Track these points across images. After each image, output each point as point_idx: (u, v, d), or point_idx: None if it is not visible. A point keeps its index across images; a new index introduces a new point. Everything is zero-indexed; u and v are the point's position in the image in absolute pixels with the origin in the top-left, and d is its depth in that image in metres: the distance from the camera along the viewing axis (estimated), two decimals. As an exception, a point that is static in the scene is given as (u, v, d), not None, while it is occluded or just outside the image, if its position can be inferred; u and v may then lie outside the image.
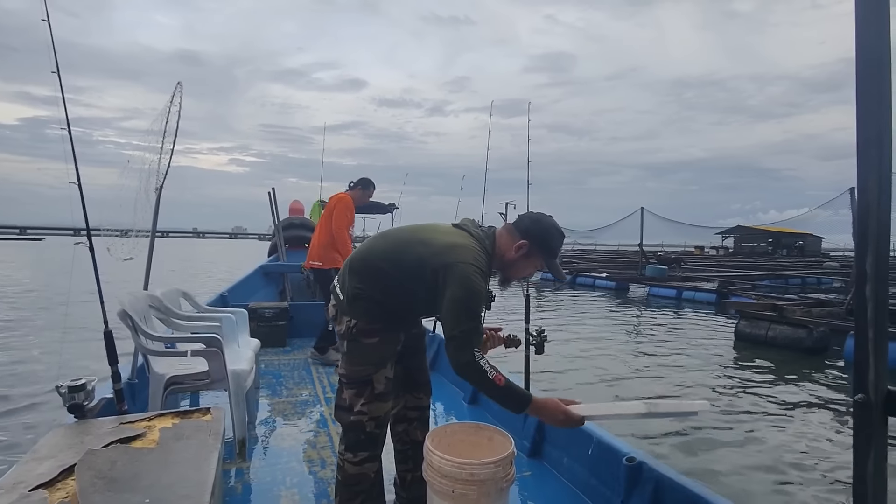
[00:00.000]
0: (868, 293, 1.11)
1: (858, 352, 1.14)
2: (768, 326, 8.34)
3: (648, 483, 1.80)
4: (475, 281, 1.53)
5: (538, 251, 1.69)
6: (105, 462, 1.22)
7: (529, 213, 1.81)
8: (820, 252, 40.13)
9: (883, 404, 1.13)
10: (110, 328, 1.87)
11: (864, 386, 1.12)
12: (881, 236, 1.13)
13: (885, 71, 1.02)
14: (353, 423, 1.68)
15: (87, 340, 6.80)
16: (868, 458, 1.13)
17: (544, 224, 1.71)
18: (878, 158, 1.09)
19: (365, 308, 1.65)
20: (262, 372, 3.91)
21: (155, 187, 2.88)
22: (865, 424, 1.12)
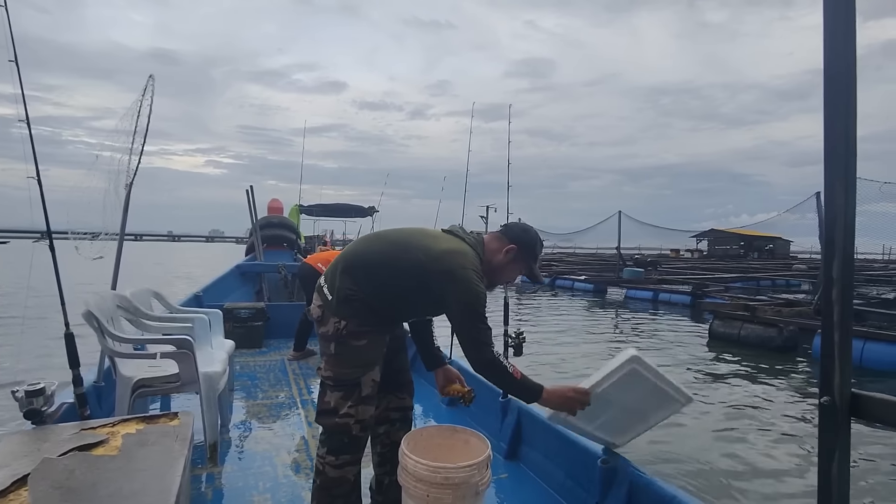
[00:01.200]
0: (834, 297, 1.13)
1: (825, 356, 1.16)
2: (741, 326, 8.57)
3: (623, 484, 1.81)
4: (478, 285, 1.61)
5: (525, 256, 1.79)
6: (62, 471, 1.17)
7: (517, 223, 1.97)
8: (789, 255, 41.37)
9: (847, 407, 1.15)
10: (71, 330, 1.80)
11: (830, 389, 1.14)
12: (846, 243, 1.15)
13: (851, 82, 1.04)
14: (338, 426, 1.65)
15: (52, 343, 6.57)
16: (833, 459, 1.15)
17: (532, 233, 1.83)
18: (844, 168, 1.11)
19: (357, 309, 1.63)
20: (238, 374, 3.83)
21: (125, 184, 2.79)
22: (830, 426, 1.15)
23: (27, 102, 1.69)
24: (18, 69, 1.57)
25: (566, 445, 2.18)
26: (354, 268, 1.67)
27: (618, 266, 19.55)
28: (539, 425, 2.40)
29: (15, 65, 1.56)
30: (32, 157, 1.64)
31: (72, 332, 1.80)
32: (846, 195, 1.12)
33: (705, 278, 17.66)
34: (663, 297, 14.73)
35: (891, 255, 33.63)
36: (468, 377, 2.05)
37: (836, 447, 1.13)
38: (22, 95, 1.58)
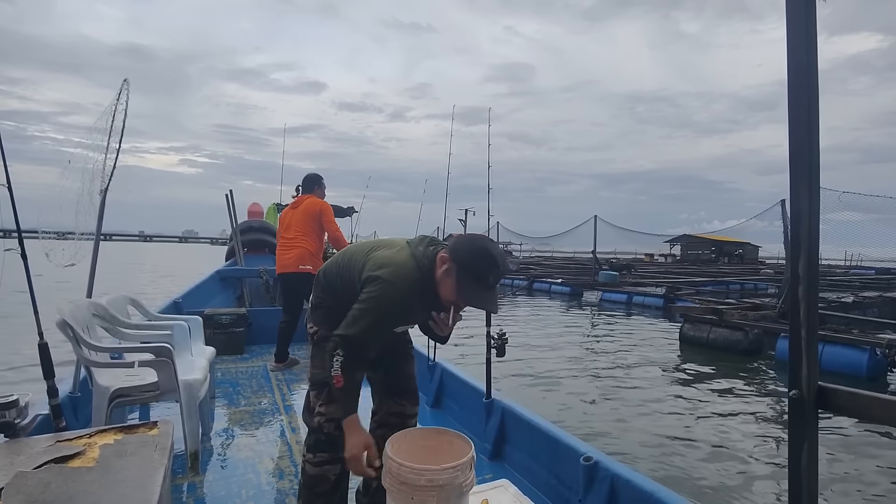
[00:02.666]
0: (801, 294, 1.18)
1: (792, 351, 1.21)
2: (709, 329, 8.81)
3: (605, 481, 1.84)
4: (383, 299, 1.52)
5: (461, 272, 1.50)
6: (37, 484, 1.14)
7: (470, 235, 1.71)
8: (757, 259, 42.47)
9: (815, 399, 1.20)
10: (45, 340, 1.76)
11: (798, 382, 1.18)
12: (811, 242, 1.20)
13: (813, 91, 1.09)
14: (313, 424, 1.74)
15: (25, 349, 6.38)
16: (802, 448, 1.20)
17: (475, 244, 1.54)
18: (808, 169, 1.16)
19: (325, 316, 1.74)
20: (219, 381, 3.78)
21: (99, 189, 2.73)
22: (799, 418, 1.19)
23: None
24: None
25: (550, 444, 2.21)
26: (321, 278, 1.79)
27: (594, 269, 19.83)
28: (523, 425, 2.43)
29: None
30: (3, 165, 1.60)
31: (46, 342, 1.75)
32: (810, 197, 1.17)
33: (677, 281, 18.08)
34: (637, 300, 15.05)
35: (852, 261, 34.88)
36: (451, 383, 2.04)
37: (805, 437, 1.18)
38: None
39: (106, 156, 2.70)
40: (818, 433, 1.20)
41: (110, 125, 2.77)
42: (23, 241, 1.72)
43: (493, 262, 1.51)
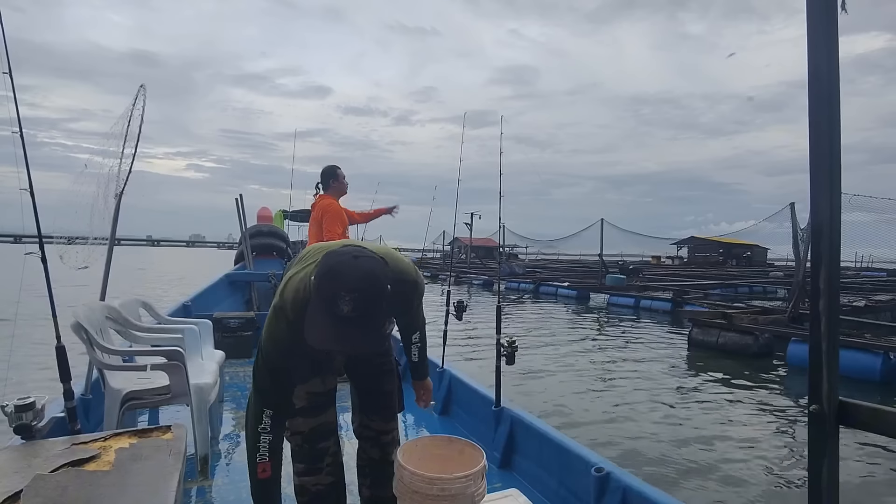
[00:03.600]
0: (821, 308, 1.16)
1: (812, 365, 1.19)
2: (718, 334, 8.74)
3: (616, 492, 1.83)
4: (273, 330, 1.34)
5: (312, 303, 1.20)
6: (55, 487, 1.15)
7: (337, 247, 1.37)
8: (766, 262, 42.12)
9: (836, 415, 1.18)
10: (63, 343, 1.77)
11: (819, 397, 1.17)
12: (832, 254, 1.19)
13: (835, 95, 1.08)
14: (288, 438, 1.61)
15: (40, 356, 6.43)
16: (822, 465, 1.18)
17: (325, 261, 1.20)
18: (829, 180, 1.15)
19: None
20: (227, 385, 3.79)
21: (115, 193, 2.76)
22: (820, 433, 1.18)
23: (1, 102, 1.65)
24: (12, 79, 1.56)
25: (560, 454, 2.19)
26: None
27: (600, 273, 19.75)
28: (533, 434, 2.42)
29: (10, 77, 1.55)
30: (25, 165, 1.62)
31: (63, 345, 1.77)
32: (831, 208, 1.16)
33: (685, 285, 17.96)
34: (645, 304, 14.93)
35: (863, 263, 34.44)
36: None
37: (826, 453, 1.16)
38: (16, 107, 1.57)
39: (121, 160, 2.73)
40: (839, 449, 1.19)
41: (126, 130, 2.81)
42: (43, 246, 1.75)
43: (338, 283, 1.13)
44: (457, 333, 8.59)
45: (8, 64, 1.55)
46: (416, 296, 1.64)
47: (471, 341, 9.04)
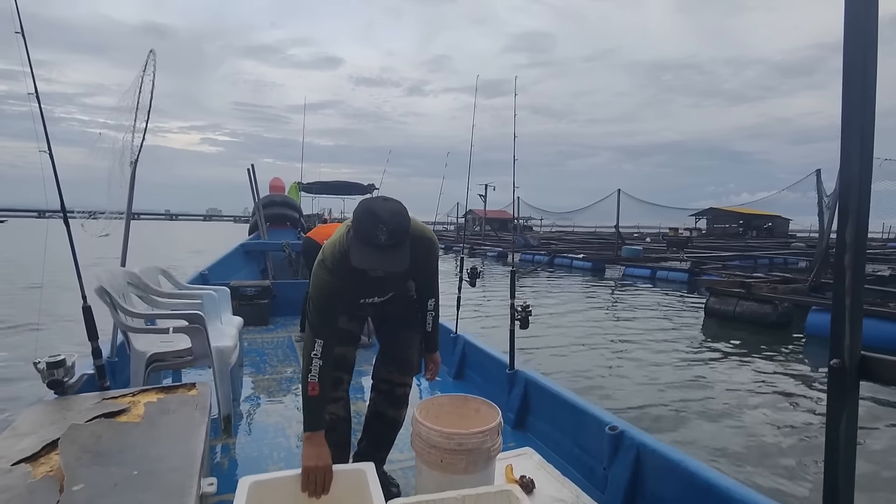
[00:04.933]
0: (847, 261, 1.14)
1: (835, 319, 1.18)
2: (736, 303, 8.60)
3: (630, 449, 1.86)
4: (318, 280, 1.61)
5: (355, 238, 1.48)
6: (90, 436, 1.20)
7: (373, 198, 1.64)
8: (788, 233, 41.28)
9: (857, 369, 1.17)
10: (89, 303, 1.82)
11: (840, 351, 1.16)
12: (861, 207, 1.16)
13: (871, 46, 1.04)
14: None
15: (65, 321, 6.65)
16: (841, 419, 1.18)
17: (360, 208, 1.50)
18: (861, 132, 1.11)
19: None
20: (246, 350, 3.88)
21: (130, 161, 2.78)
22: (839, 388, 1.17)
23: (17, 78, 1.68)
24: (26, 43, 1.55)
25: (574, 414, 2.22)
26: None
27: (616, 244, 19.57)
28: (547, 395, 2.45)
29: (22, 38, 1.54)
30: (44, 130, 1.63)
31: (89, 305, 1.82)
32: (861, 160, 1.12)
33: (702, 256, 17.71)
34: (661, 275, 14.81)
35: (890, 233, 33.54)
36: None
37: (845, 408, 1.16)
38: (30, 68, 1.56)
39: (135, 126, 2.74)
40: (858, 404, 1.18)
41: (138, 97, 2.80)
42: (64, 206, 1.77)
43: (376, 219, 1.43)
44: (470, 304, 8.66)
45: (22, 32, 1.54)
46: (434, 253, 1.82)
47: (484, 310, 9.11)
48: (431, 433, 1.61)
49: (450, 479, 1.58)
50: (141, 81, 2.82)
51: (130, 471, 1.08)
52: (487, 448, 1.64)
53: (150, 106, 2.83)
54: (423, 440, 1.63)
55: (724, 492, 1.53)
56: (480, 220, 35.74)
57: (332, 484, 1.46)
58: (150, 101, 2.79)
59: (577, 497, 1.92)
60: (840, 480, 1.19)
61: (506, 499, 1.41)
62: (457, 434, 1.59)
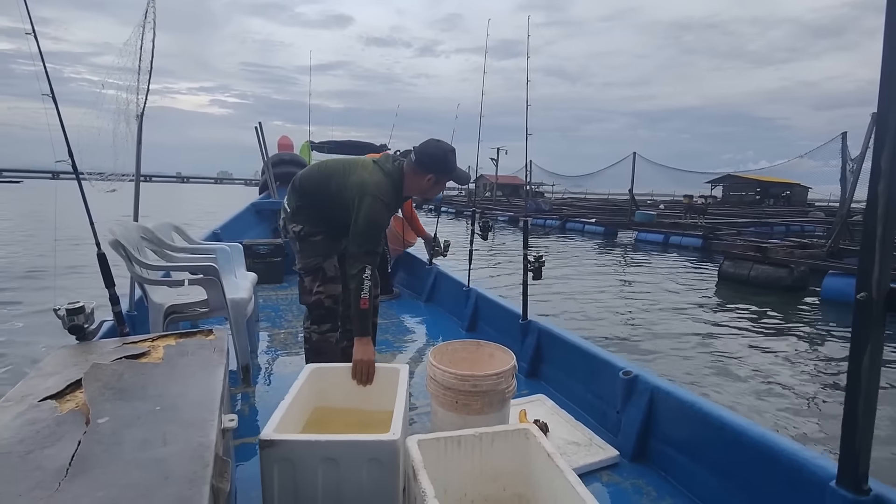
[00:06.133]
0: (880, 190, 1.09)
1: (864, 250, 1.14)
2: (751, 266, 8.51)
3: (644, 393, 1.87)
4: (377, 211, 1.94)
5: (444, 177, 2.10)
6: (112, 374, 1.23)
7: (424, 147, 2.06)
8: (806, 202, 40.23)
9: (884, 301, 1.14)
10: (103, 251, 1.83)
11: (868, 284, 1.12)
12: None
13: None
14: (314, 302, 2.14)
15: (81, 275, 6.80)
16: (864, 353, 1.16)
17: (439, 156, 2.04)
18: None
19: (308, 216, 2.12)
20: (261, 307, 3.94)
21: (135, 115, 2.74)
22: (865, 321, 1.14)
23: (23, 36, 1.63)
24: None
25: (587, 361, 2.24)
26: (300, 187, 2.15)
27: (630, 209, 19.23)
28: (560, 344, 2.46)
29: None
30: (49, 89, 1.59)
31: (104, 252, 1.83)
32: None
33: (717, 222, 17.38)
34: (674, 241, 14.65)
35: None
36: None
37: (870, 339, 1.13)
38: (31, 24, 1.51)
39: (139, 79, 2.68)
40: (883, 337, 1.15)
41: (139, 48, 2.73)
42: (72, 155, 1.76)
43: (452, 152, 2.07)
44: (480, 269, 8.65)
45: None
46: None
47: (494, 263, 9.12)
48: (446, 376, 1.63)
49: (465, 419, 1.61)
50: (142, 32, 2.74)
51: (153, 406, 1.10)
52: (502, 390, 1.66)
53: (153, 56, 2.76)
54: (439, 383, 1.66)
55: (738, 430, 1.53)
56: (492, 185, 35.29)
57: (374, 376, 1.82)
58: (152, 52, 2.71)
59: (590, 439, 1.95)
60: (860, 414, 1.18)
61: (523, 437, 1.43)
62: (471, 376, 1.60)
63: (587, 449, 1.89)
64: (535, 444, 1.38)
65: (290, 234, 2.16)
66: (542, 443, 1.35)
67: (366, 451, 1.35)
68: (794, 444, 1.43)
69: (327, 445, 1.35)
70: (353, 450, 1.35)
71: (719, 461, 1.59)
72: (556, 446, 1.90)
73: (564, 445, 1.92)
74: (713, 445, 1.61)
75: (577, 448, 1.90)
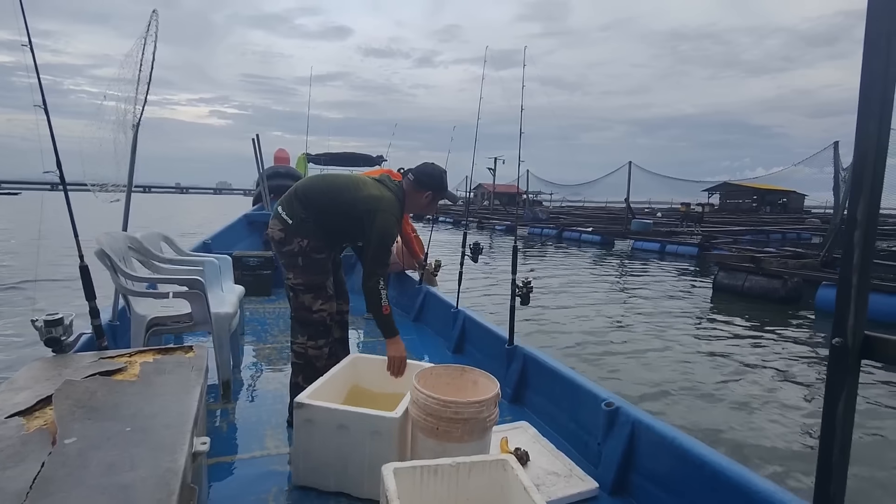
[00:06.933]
0: (856, 239, 1.11)
1: (840, 298, 1.15)
2: (745, 277, 8.52)
3: (625, 425, 1.86)
4: (392, 225, 2.10)
5: (439, 194, 2.32)
6: (84, 392, 1.21)
7: (422, 168, 2.28)
8: (803, 209, 40.69)
9: (859, 348, 1.15)
10: (86, 262, 1.82)
11: (843, 331, 1.14)
12: (875, 183, 1.12)
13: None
14: (316, 320, 2.16)
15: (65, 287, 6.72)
16: (839, 399, 1.16)
17: (436, 175, 2.28)
18: (880, 102, 1.07)
19: (313, 230, 2.11)
20: (247, 320, 3.90)
21: (132, 124, 2.75)
22: (840, 368, 1.15)
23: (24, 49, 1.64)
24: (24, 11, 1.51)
25: (571, 390, 2.23)
26: (305, 199, 2.12)
27: (626, 218, 19.40)
28: (545, 371, 2.45)
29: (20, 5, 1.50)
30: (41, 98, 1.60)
31: (86, 264, 1.81)
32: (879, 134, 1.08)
33: (714, 230, 17.54)
34: (670, 249, 14.76)
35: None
36: None
37: (844, 387, 1.14)
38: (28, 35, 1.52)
39: (137, 91, 2.70)
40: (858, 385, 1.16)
41: (140, 59, 2.75)
42: (60, 165, 1.75)
43: (445, 173, 2.31)
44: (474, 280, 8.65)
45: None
46: None
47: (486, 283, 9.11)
48: (429, 401, 1.61)
49: (445, 447, 1.59)
50: (144, 42, 2.77)
51: (123, 426, 1.08)
52: (484, 418, 1.64)
53: (152, 68, 2.78)
54: (420, 408, 1.64)
55: (717, 468, 1.53)
56: (489, 194, 35.48)
57: (405, 370, 2.11)
58: (152, 63, 2.74)
59: (570, 470, 1.94)
60: (835, 461, 1.18)
61: (501, 468, 1.42)
62: (453, 403, 1.59)
63: (567, 480, 1.87)
64: (512, 475, 1.37)
65: (292, 247, 2.11)
66: (520, 475, 1.33)
67: (370, 424, 1.70)
68: (772, 486, 1.43)
69: (340, 414, 1.73)
70: (360, 421, 1.71)
71: (698, 499, 1.58)
72: (536, 476, 1.89)
73: (544, 475, 1.90)
74: (692, 482, 1.60)
75: (556, 479, 1.88)
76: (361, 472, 1.73)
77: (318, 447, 1.75)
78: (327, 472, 1.77)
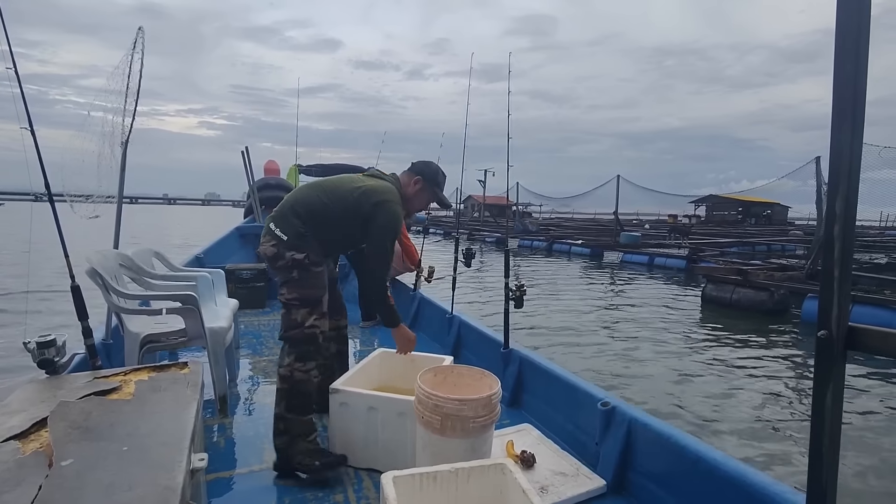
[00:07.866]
0: (836, 233, 1.14)
1: (824, 291, 1.18)
2: (733, 290, 8.63)
3: (622, 425, 1.87)
4: (398, 213, 2.04)
5: (429, 184, 2.19)
6: (79, 413, 1.20)
7: (418, 161, 2.26)
8: (787, 221, 41.18)
9: (844, 340, 1.18)
10: (77, 283, 1.81)
11: (828, 323, 1.16)
12: (852, 178, 1.15)
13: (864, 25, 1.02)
14: (307, 337, 1.99)
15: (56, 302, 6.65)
16: (827, 390, 1.19)
17: (432, 166, 2.24)
18: (853, 102, 1.10)
19: (311, 244, 2.00)
20: (242, 333, 3.89)
21: (120, 142, 2.74)
22: (826, 359, 1.18)
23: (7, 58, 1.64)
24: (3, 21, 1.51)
25: (567, 391, 2.24)
26: (304, 211, 2.01)
27: (615, 230, 19.56)
28: (540, 373, 2.47)
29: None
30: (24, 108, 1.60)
31: (78, 284, 1.81)
32: (853, 132, 1.11)
33: (701, 243, 17.74)
34: (659, 262, 14.88)
35: (888, 222, 33.62)
36: None
37: (831, 379, 1.17)
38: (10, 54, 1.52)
39: (125, 106, 2.69)
40: (844, 375, 1.19)
41: (127, 74, 2.75)
42: (48, 185, 1.75)
43: (444, 174, 2.26)
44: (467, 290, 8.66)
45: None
46: None
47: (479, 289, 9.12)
48: (431, 398, 1.62)
49: (447, 442, 1.60)
50: (130, 59, 2.77)
51: (120, 446, 1.08)
52: (485, 415, 1.65)
53: (140, 85, 2.78)
54: (423, 405, 1.65)
55: (712, 463, 1.55)
56: (479, 206, 35.61)
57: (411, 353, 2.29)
58: (140, 79, 2.74)
59: (577, 469, 1.95)
60: (825, 451, 1.20)
61: (499, 472, 1.42)
62: (457, 399, 1.60)
63: (574, 480, 1.88)
64: (511, 479, 1.38)
65: (286, 261, 1.96)
66: (518, 478, 1.35)
67: (396, 407, 1.95)
68: (767, 478, 1.45)
69: (370, 398, 2.01)
70: (387, 404, 1.98)
71: (695, 494, 1.60)
72: (544, 477, 1.90)
73: (552, 476, 1.91)
74: (689, 478, 1.62)
75: (564, 479, 1.89)
76: (387, 448, 1.96)
77: (351, 427, 2.02)
78: (357, 448, 2.01)
